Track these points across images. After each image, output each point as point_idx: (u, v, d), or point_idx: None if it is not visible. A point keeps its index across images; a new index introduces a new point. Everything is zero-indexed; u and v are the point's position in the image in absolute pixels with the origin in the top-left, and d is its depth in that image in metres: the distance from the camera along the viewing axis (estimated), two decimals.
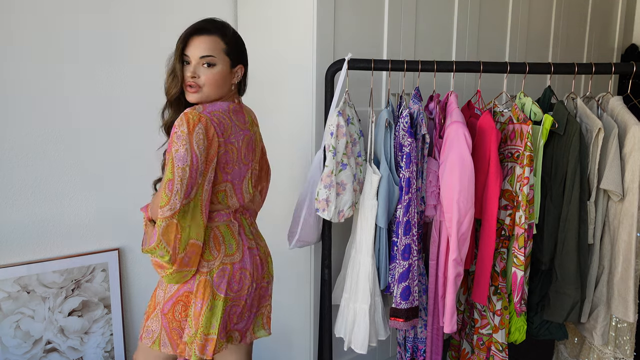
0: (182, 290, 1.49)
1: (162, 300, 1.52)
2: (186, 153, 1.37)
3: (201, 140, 1.39)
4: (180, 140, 1.38)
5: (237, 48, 1.53)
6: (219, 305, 1.48)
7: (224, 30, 1.50)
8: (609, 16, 3.68)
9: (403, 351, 2.03)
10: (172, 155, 1.38)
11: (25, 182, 2.02)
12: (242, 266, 1.54)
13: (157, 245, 1.39)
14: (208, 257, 1.49)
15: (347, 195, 1.74)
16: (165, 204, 1.37)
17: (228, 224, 1.55)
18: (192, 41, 1.46)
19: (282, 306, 2.21)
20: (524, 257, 1.77)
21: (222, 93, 1.52)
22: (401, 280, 1.78)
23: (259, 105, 2.13)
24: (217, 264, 1.49)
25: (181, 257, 1.41)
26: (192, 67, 1.46)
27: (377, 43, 2.17)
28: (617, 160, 1.78)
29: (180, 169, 1.37)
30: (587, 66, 1.84)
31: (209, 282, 1.47)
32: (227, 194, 1.52)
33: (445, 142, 1.78)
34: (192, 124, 1.38)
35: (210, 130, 1.41)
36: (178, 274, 1.44)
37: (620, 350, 1.94)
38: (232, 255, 1.52)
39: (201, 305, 1.46)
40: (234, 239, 1.54)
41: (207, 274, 1.48)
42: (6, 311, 2.01)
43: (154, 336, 1.53)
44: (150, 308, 1.55)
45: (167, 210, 1.37)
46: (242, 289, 1.54)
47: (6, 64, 1.93)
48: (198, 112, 1.41)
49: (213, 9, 2.31)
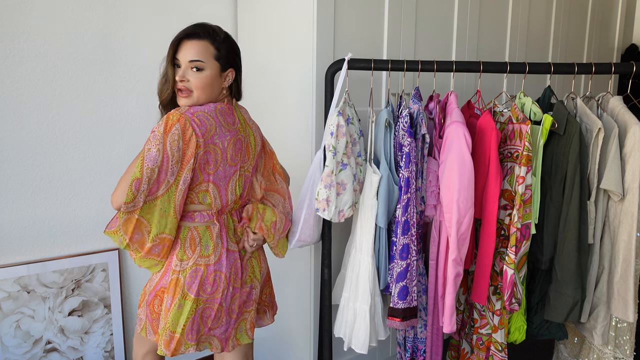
0: (159, 285, 1.55)
1: (147, 291, 1.59)
2: (158, 153, 1.41)
3: (175, 141, 1.42)
4: (154, 139, 1.42)
5: (227, 53, 1.54)
6: (187, 305, 1.50)
7: (214, 35, 1.52)
8: (609, 16, 3.68)
9: (403, 351, 2.03)
10: (143, 152, 1.42)
11: (25, 182, 2.02)
12: (217, 268, 1.53)
13: (116, 231, 1.46)
14: (182, 257, 1.51)
15: (347, 195, 1.74)
16: (130, 201, 1.42)
17: (208, 225, 1.55)
18: (182, 45, 1.49)
19: (282, 306, 2.21)
20: (514, 256, 1.77)
21: (213, 97, 1.54)
22: (399, 280, 1.78)
23: (259, 105, 2.13)
24: (191, 264, 1.51)
25: (149, 247, 1.48)
26: (181, 71, 1.49)
27: (377, 43, 2.17)
28: (617, 160, 1.78)
29: (149, 169, 1.41)
30: (587, 66, 1.84)
31: (180, 281, 1.50)
32: (209, 194, 1.53)
33: (445, 142, 1.78)
34: (169, 124, 1.42)
35: (187, 131, 1.43)
36: (147, 260, 1.52)
37: (620, 350, 1.94)
38: (207, 257, 1.53)
39: (170, 302, 1.50)
40: (211, 241, 1.54)
41: (179, 272, 1.51)
42: (6, 311, 2.02)
43: (142, 324, 1.61)
44: (141, 297, 1.63)
45: (131, 207, 1.43)
46: (216, 291, 1.54)
47: (6, 64, 1.93)
48: (179, 113, 1.44)
49: (213, 9, 2.32)
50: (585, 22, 3.40)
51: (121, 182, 1.46)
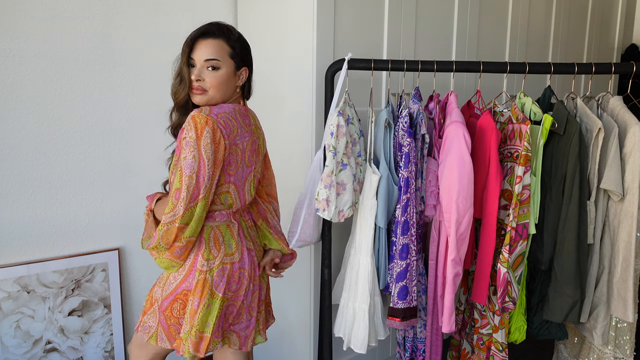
0: (181, 288, 1.51)
1: (160, 298, 1.55)
2: (194, 160, 1.39)
3: (208, 145, 1.40)
4: (188, 146, 1.40)
5: (241, 51, 1.54)
6: (216, 304, 1.49)
7: (228, 33, 1.51)
8: (609, 16, 3.68)
9: (402, 351, 2.03)
10: (180, 162, 1.41)
11: (25, 182, 2.02)
12: (241, 266, 1.55)
13: (156, 245, 1.46)
14: (208, 256, 1.50)
15: (347, 195, 1.74)
16: (170, 210, 1.42)
17: (228, 224, 1.56)
18: (197, 45, 1.48)
19: (282, 306, 2.21)
20: (508, 254, 1.77)
21: (227, 95, 1.53)
22: (399, 280, 1.78)
23: (259, 105, 2.13)
24: (217, 263, 1.50)
25: (177, 248, 1.47)
26: (197, 70, 1.47)
27: (377, 43, 2.17)
28: (617, 160, 1.78)
29: (187, 177, 1.40)
30: (587, 66, 1.85)
31: (208, 281, 1.49)
32: (230, 195, 1.53)
33: (444, 142, 1.78)
34: (199, 128, 1.40)
35: (217, 133, 1.42)
36: (168, 261, 1.50)
37: (620, 350, 1.94)
38: (231, 255, 1.54)
39: (198, 304, 1.48)
40: (233, 239, 1.55)
41: (207, 272, 1.49)
42: (6, 311, 2.02)
43: (150, 331, 1.57)
44: (148, 304, 1.59)
45: (170, 217, 1.42)
46: (240, 288, 1.55)
47: (6, 64, 1.93)
48: (205, 115, 1.42)
49: (213, 9, 2.31)
50: (585, 22, 3.41)
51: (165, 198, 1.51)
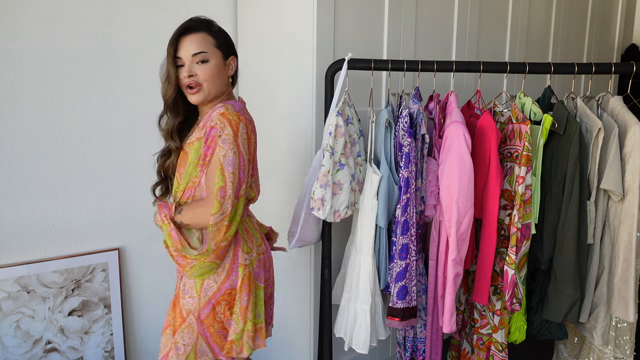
0: (224, 288, 1.47)
1: (195, 308, 1.46)
2: (235, 156, 1.40)
3: (245, 140, 1.43)
4: (226, 144, 1.40)
5: (225, 41, 1.55)
6: (260, 294, 1.54)
7: (209, 26, 1.52)
8: (609, 16, 3.68)
9: (403, 351, 2.03)
10: (219, 160, 1.39)
11: (25, 182, 2.02)
12: (268, 254, 1.62)
13: (207, 249, 1.41)
14: (247, 250, 1.52)
15: (343, 195, 1.74)
16: (217, 210, 1.39)
17: (250, 217, 1.62)
18: (182, 42, 1.47)
19: (282, 306, 2.21)
20: (515, 256, 1.77)
21: (222, 87, 1.53)
22: (398, 280, 1.78)
23: (259, 105, 2.13)
24: (255, 255, 1.54)
25: (221, 246, 1.42)
26: (187, 67, 1.47)
27: (377, 43, 2.17)
28: (617, 160, 1.78)
29: (231, 173, 1.40)
30: (587, 66, 1.84)
31: (251, 274, 1.51)
32: (252, 188, 1.57)
33: (444, 142, 1.78)
34: (235, 125, 1.41)
35: (249, 128, 1.46)
36: (208, 265, 1.43)
37: (620, 350, 1.94)
38: (260, 245, 1.59)
39: (247, 298, 1.48)
40: (256, 230, 1.61)
41: (248, 266, 1.50)
42: (6, 311, 2.02)
43: (186, 350, 1.46)
44: (177, 321, 1.48)
45: (219, 216, 1.39)
46: (271, 275, 1.63)
47: (6, 64, 1.93)
48: (235, 112, 1.43)
49: (213, 9, 2.31)
50: (585, 22, 3.40)
51: (197, 202, 1.46)
